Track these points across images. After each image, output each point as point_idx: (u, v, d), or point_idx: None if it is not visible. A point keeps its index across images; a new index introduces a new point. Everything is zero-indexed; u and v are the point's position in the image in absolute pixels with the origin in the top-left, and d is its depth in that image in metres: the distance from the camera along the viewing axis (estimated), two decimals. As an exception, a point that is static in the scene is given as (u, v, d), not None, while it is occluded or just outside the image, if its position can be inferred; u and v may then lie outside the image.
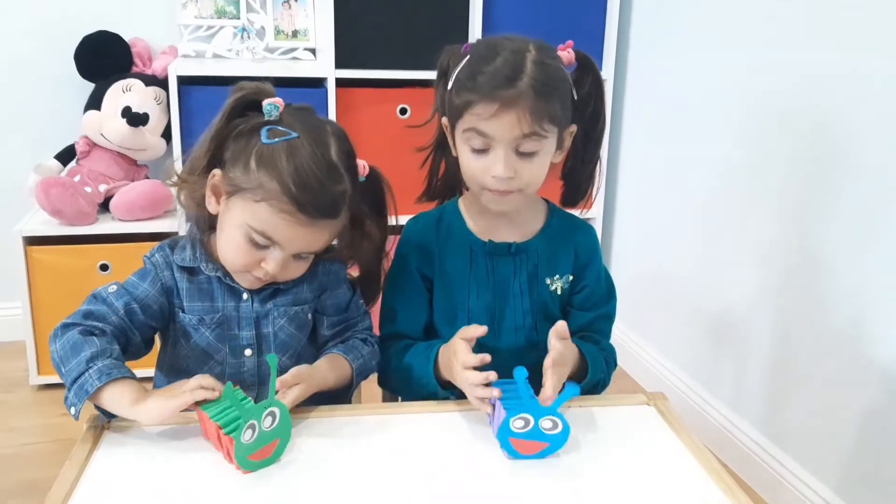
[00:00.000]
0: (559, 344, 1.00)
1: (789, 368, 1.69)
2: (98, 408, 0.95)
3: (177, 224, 2.00)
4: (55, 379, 2.08)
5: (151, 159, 2.25)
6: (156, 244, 1.07)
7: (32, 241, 2.03)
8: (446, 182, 1.21)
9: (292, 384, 0.97)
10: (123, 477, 0.87)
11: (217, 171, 0.99)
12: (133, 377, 0.93)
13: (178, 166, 1.07)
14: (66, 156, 2.19)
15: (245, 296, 1.05)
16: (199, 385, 0.91)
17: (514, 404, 0.93)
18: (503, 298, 1.14)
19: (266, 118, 0.98)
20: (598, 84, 1.11)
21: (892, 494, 1.43)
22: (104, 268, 2.06)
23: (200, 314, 1.04)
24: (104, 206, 2.14)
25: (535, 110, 0.99)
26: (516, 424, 0.91)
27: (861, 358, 1.49)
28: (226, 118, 0.99)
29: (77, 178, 2.11)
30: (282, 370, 1.07)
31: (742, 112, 1.80)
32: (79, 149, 2.17)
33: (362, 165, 1.04)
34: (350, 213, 1.03)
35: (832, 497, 1.56)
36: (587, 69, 1.10)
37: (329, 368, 1.04)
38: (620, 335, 2.35)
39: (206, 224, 1.05)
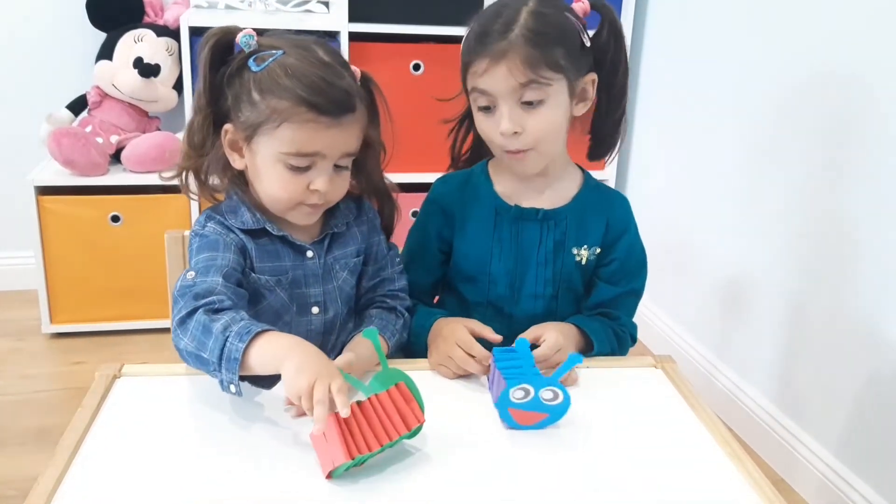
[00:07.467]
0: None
1: (799, 336, 1.68)
2: (252, 382, 0.92)
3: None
4: (67, 328, 2.11)
5: (163, 111, 2.24)
6: (167, 195, 1.06)
7: (44, 190, 2.04)
8: (472, 155, 1.21)
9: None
10: (135, 425, 0.88)
11: (227, 126, 0.98)
12: (274, 328, 0.87)
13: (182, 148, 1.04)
14: (77, 106, 2.18)
15: (310, 253, 1.04)
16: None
17: (514, 374, 0.91)
18: (525, 264, 1.13)
19: (246, 51, 0.96)
20: (616, 32, 1.08)
21: (897, 463, 1.44)
22: (115, 219, 2.06)
23: (276, 274, 1.02)
24: (115, 158, 2.14)
25: (528, 58, 0.99)
26: (516, 395, 0.89)
27: (871, 329, 1.48)
28: (209, 71, 0.97)
29: (89, 129, 2.10)
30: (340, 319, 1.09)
31: (766, 74, 1.77)
32: (90, 99, 2.16)
33: (354, 69, 1.03)
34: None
35: (838, 465, 1.57)
36: (603, 17, 1.08)
37: (371, 352, 1.01)
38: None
39: (245, 183, 1.03)
